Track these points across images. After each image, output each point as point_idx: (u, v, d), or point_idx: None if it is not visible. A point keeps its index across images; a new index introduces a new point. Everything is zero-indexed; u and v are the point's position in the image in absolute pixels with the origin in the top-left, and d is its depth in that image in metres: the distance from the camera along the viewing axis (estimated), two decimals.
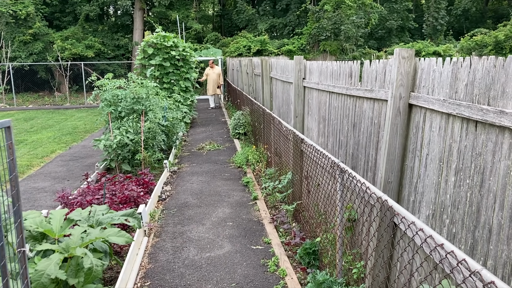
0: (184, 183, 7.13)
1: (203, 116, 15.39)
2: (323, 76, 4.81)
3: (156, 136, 7.83)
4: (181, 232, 5.06)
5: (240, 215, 5.59)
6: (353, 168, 3.95)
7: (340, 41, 23.03)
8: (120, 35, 26.59)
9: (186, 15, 26.11)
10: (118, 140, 7.19)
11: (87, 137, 12.12)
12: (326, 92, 4.69)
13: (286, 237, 4.84)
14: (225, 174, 7.60)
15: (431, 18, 27.68)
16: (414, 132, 2.88)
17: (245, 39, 23.86)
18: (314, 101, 5.16)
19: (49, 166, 8.72)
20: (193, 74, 12.87)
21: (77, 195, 5.63)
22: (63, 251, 2.76)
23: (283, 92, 7.06)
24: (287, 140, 5.88)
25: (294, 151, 5.51)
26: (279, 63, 7.26)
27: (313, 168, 4.77)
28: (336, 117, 4.39)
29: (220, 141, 10.75)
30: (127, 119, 7.86)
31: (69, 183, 7.43)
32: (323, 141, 4.85)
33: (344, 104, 4.17)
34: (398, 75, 2.91)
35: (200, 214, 5.66)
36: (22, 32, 22.37)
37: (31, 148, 10.46)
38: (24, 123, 15.04)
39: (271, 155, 6.97)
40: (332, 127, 4.52)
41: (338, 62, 4.36)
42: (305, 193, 5.12)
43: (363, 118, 3.70)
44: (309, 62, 5.38)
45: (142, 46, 12.10)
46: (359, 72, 3.87)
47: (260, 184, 6.85)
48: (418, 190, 2.79)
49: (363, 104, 3.69)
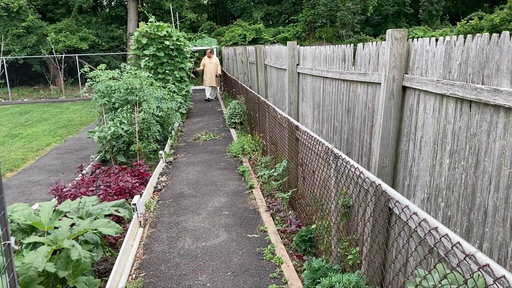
0: (180, 174, 7.08)
1: (199, 107, 15.30)
2: (316, 62, 4.74)
3: (151, 126, 7.76)
4: (177, 222, 5.02)
5: (236, 204, 5.55)
6: (347, 153, 3.89)
7: (336, 28, 22.85)
8: (114, 27, 26.33)
9: (180, 4, 25.86)
10: (112, 131, 7.12)
11: (82, 129, 12.04)
12: (320, 77, 4.62)
13: (282, 225, 4.81)
14: (221, 164, 7.55)
15: (427, 3, 27.46)
16: (408, 115, 2.82)
17: (240, 27, 23.67)
18: (308, 87, 5.09)
19: (44, 159, 8.65)
20: (187, 64, 12.75)
21: (71, 187, 5.58)
22: (52, 243, 2.71)
23: (277, 80, 6.98)
24: (282, 127, 5.82)
25: (289, 138, 5.45)
26: (273, 50, 7.17)
27: (308, 155, 4.72)
28: (331, 102, 4.33)
29: (216, 131, 10.68)
30: (121, 110, 7.78)
31: (64, 176, 7.37)
32: (318, 127, 4.79)
33: (338, 89, 4.10)
34: (391, 57, 2.85)
35: (196, 204, 5.61)
36: (15, 25, 22.14)
37: (26, 142, 10.38)
38: (19, 117, 14.93)
39: (267, 144, 6.92)
40: (327, 113, 4.45)
41: (331, 46, 4.28)
42: (300, 180, 5.08)
43: (357, 102, 3.64)
44: (302, 48, 5.30)
45: (136, 36, 11.97)
46: (353, 56, 3.80)
47: (256, 172, 6.81)
48: (413, 174, 2.74)
49: (357, 89, 3.63)
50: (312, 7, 22.78)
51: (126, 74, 8.25)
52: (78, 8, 25.02)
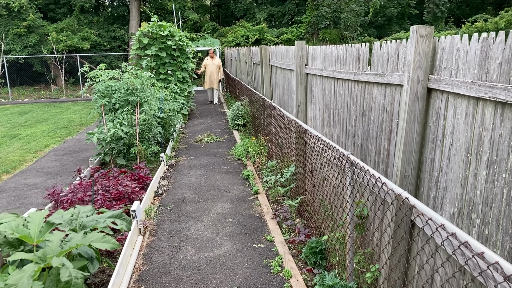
0: (182, 177, 6.83)
1: (202, 108, 15.05)
2: (327, 62, 4.49)
3: (152, 128, 7.51)
4: (178, 230, 4.77)
5: (240, 210, 5.29)
6: (362, 160, 3.64)
7: (340, 30, 22.60)
8: (116, 27, 26.12)
9: (183, 5, 25.65)
10: (112, 133, 6.88)
11: (82, 130, 11.80)
12: (331, 78, 4.37)
13: (290, 234, 4.55)
14: (224, 167, 7.29)
15: (432, 5, 27.19)
16: (434, 119, 2.57)
17: (243, 28, 23.43)
18: (318, 89, 4.84)
19: (42, 161, 8.41)
20: (190, 64, 12.51)
21: (68, 192, 5.33)
22: (40, 260, 2.46)
23: (283, 81, 6.73)
24: (289, 130, 5.57)
25: (296, 142, 5.20)
26: (279, 50, 6.93)
27: (318, 160, 4.46)
28: (342, 105, 4.07)
29: (219, 132, 10.43)
30: (122, 111, 7.54)
31: (62, 179, 7.12)
32: (328, 131, 4.53)
33: (351, 91, 3.85)
34: (416, 56, 2.59)
35: (199, 210, 5.36)
36: (16, 25, 21.92)
37: (24, 143, 10.14)
38: (19, 117, 14.70)
39: (272, 147, 6.66)
40: (338, 116, 4.20)
41: (344, 45, 4.03)
42: (309, 187, 4.82)
43: (373, 105, 3.39)
44: (311, 47, 5.05)
45: (138, 36, 11.73)
46: (368, 55, 3.55)
47: (261, 177, 6.55)
48: (440, 185, 2.48)
49: (373, 90, 3.38)
50: (316, 9, 22.53)
51: (127, 74, 8.01)
52: (80, 8, 24.81)
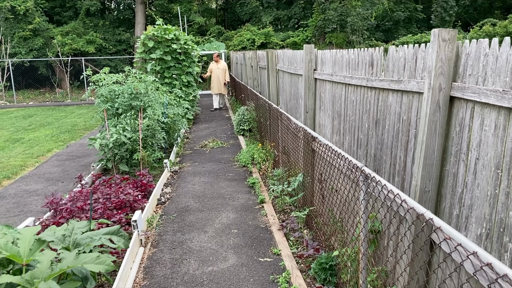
0: (186, 184, 6.64)
1: (207, 112, 14.88)
2: (337, 67, 4.29)
3: (156, 134, 7.34)
4: (181, 241, 4.57)
5: (246, 221, 5.09)
6: (375, 171, 3.44)
7: (347, 33, 22.41)
8: (122, 30, 26.06)
9: (189, 8, 25.55)
10: (115, 138, 6.70)
11: (86, 134, 11.66)
12: (342, 84, 4.17)
13: (298, 247, 4.34)
14: (229, 174, 7.10)
15: (440, 9, 26.95)
16: (458, 131, 2.36)
17: (249, 32, 23.29)
18: (327, 95, 4.64)
19: (43, 166, 8.25)
20: (195, 68, 12.36)
21: (68, 200, 5.16)
22: (27, 284, 2.27)
23: (290, 86, 6.54)
24: (297, 138, 5.37)
25: (304, 150, 5.00)
26: (286, 54, 6.74)
27: (327, 170, 4.26)
28: (354, 112, 3.87)
29: (224, 138, 10.25)
30: (125, 116, 7.38)
31: (63, 185, 6.96)
32: (338, 139, 4.33)
33: (363, 97, 3.65)
34: (438, 62, 2.39)
35: (202, 220, 5.16)
36: (21, 28, 21.90)
37: (27, 147, 10.01)
38: (23, 120, 14.60)
39: (279, 154, 6.46)
40: (349, 123, 4.00)
41: (355, 50, 3.84)
42: (317, 197, 4.61)
43: (388, 113, 3.19)
44: (320, 52, 4.85)
45: (142, 39, 11.59)
46: (382, 60, 3.35)
47: (267, 185, 6.35)
48: (465, 202, 2.27)
49: (388, 98, 3.17)
50: (322, 12, 22.36)
51: (130, 78, 7.85)
52: (86, 11, 24.77)
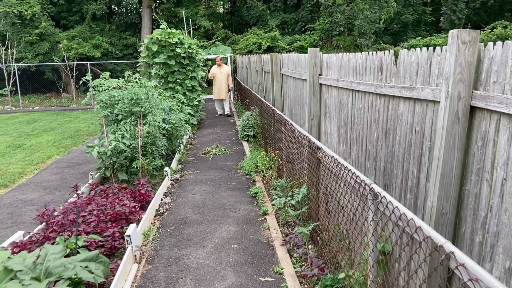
0: (186, 194, 6.38)
1: (211, 116, 14.64)
2: (344, 71, 4.01)
3: (156, 141, 7.09)
4: (178, 258, 4.30)
5: (247, 234, 4.81)
6: (385, 186, 3.15)
7: (354, 37, 22.10)
8: (128, 34, 25.98)
9: (195, 12, 25.42)
10: (113, 146, 6.47)
11: (88, 140, 11.47)
12: (348, 90, 3.89)
13: (301, 265, 4.05)
14: (231, 183, 6.83)
15: (449, 11, 26.55)
16: (480, 146, 2.07)
17: (256, 36, 23.07)
18: (333, 101, 4.36)
19: (42, 174, 8.04)
20: (200, 73, 12.13)
21: (60, 212, 4.92)
22: None
23: (295, 91, 6.26)
24: (301, 146, 5.09)
25: (309, 159, 4.71)
26: (291, 58, 6.47)
27: (333, 182, 3.97)
28: (362, 121, 3.59)
29: (228, 144, 9.99)
30: (125, 122, 7.15)
31: (60, 194, 6.73)
32: (345, 149, 4.04)
33: (372, 105, 3.36)
34: (457, 67, 2.11)
35: (201, 233, 4.89)
36: (28, 33, 21.88)
37: (27, 154, 9.82)
38: (26, 125, 14.46)
39: (283, 162, 6.18)
40: (357, 133, 3.71)
41: (363, 53, 3.56)
42: (323, 211, 4.33)
43: (399, 123, 2.90)
44: (326, 55, 4.58)
45: (146, 43, 11.39)
46: (393, 65, 3.07)
47: (270, 195, 6.07)
48: (489, 228, 1.98)
49: (399, 106, 2.89)
50: (330, 15, 22.08)
51: (131, 83, 7.63)
52: (92, 15, 24.73)
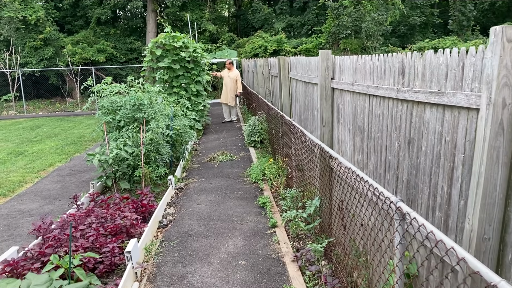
0: (191, 204, 6.10)
1: (217, 121, 14.37)
2: (359, 75, 3.72)
3: (160, 148, 6.83)
4: (181, 276, 4.02)
5: (255, 249, 4.52)
6: (408, 201, 2.85)
7: (361, 39, 21.80)
8: (133, 39, 25.83)
9: (200, 16, 25.23)
10: (115, 154, 6.21)
11: (91, 146, 11.24)
12: (364, 95, 3.60)
13: (315, 284, 3.75)
14: (238, 192, 6.54)
15: (457, 13, 26.17)
16: None
17: (261, 39, 22.82)
18: (347, 107, 4.07)
19: (43, 182, 7.80)
20: (205, 77, 11.87)
21: (58, 225, 4.65)
22: None
23: (304, 96, 5.98)
24: (312, 154, 4.80)
25: (321, 169, 4.42)
26: (300, 61, 6.19)
27: (349, 195, 3.67)
28: (381, 128, 3.29)
29: (234, 150, 9.70)
30: (127, 129, 6.89)
31: (60, 204, 6.47)
32: (361, 158, 3.75)
33: (392, 111, 3.07)
34: (501, 70, 1.81)
35: (207, 248, 4.60)
36: (32, 38, 21.76)
37: (29, 161, 9.60)
38: (30, 132, 14.27)
39: (292, 170, 5.89)
40: (375, 141, 3.42)
41: (381, 55, 3.27)
42: (337, 225, 4.03)
43: (425, 132, 2.61)
44: (339, 58, 4.29)
45: (150, 47, 11.16)
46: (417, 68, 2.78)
47: (279, 205, 5.78)
48: None
49: (425, 113, 2.60)
50: (336, 18, 21.80)
51: (133, 88, 7.38)
52: (96, 20, 24.62)
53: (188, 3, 25.61)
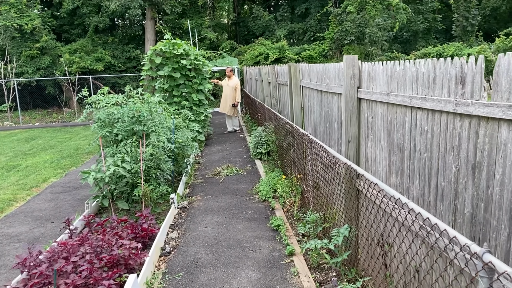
0: (196, 226, 5.52)
1: (219, 131, 13.82)
2: (396, 83, 3.17)
3: (161, 164, 6.26)
4: None
5: (272, 284, 3.94)
6: (473, 239, 2.29)
7: (365, 46, 21.34)
8: (132, 47, 25.35)
9: (200, 23, 24.78)
10: (112, 171, 5.64)
11: (88, 159, 10.67)
12: (404, 107, 3.05)
13: None
14: (247, 212, 5.97)
15: (461, 18, 25.76)
16: None
17: (262, 46, 22.34)
18: (379, 120, 3.52)
19: (35, 200, 7.22)
20: (206, 86, 11.34)
21: (47, 256, 4.07)
22: None
23: (320, 106, 5.43)
24: (335, 173, 4.24)
25: (349, 193, 3.86)
26: (314, 68, 5.65)
27: (389, 225, 3.11)
28: (429, 148, 2.74)
29: (239, 163, 9.14)
30: (125, 143, 6.34)
31: (52, 227, 5.90)
32: (400, 182, 3.19)
33: (447, 128, 2.52)
34: None
35: (216, 282, 4.03)
36: (28, 47, 21.27)
37: (22, 176, 9.03)
38: (24, 144, 13.71)
39: (308, 189, 5.32)
40: (420, 162, 2.86)
41: (430, 60, 2.72)
42: (374, 262, 3.46)
43: (500, 156, 2.05)
44: (367, 64, 3.75)
45: (149, 55, 10.63)
46: (482, 75, 2.24)
47: (294, 227, 5.21)
48: None
49: (500, 132, 2.05)
50: (339, 24, 21.35)
51: (132, 99, 6.84)
52: (94, 28, 24.14)
53: (187, 10, 25.18)
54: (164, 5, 22.77)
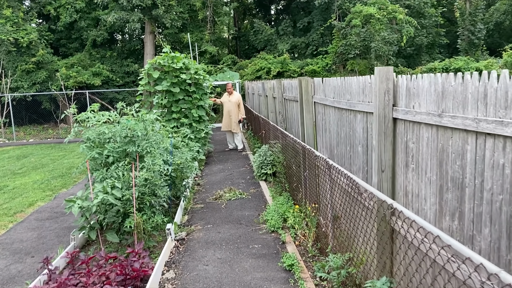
0: (195, 264, 4.80)
1: (220, 149, 13.12)
2: (450, 101, 2.50)
3: (156, 190, 5.56)
4: None
5: None
6: None
7: (370, 60, 20.79)
8: (130, 61, 24.83)
9: (200, 37, 24.30)
10: (100, 199, 4.93)
11: (81, 180, 9.96)
12: (464, 132, 2.37)
13: None
14: (254, 246, 5.24)
15: (467, 32, 25.30)
16: None
17: (264, 60, 21.80)
18: (425, 147, 2.83)
19: (16, 229, 6.50)
20: (207, 101, 10.69)
21: None
22: None
23: (339, 126, 4.76)
24: (360, 205, 3.54)
25: (383, 233, 3.15)
26: (330, 82, 4.99)
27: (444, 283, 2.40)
28: (506, 187, 2.05)
29: (243, 184, 8.43)
30: (117, 166, 5.65)
31: (32, 262, 5.17)
32: (457, 227, 2.49)
33: None
34: None
35: None
36: (24, 61, 20.72)
37: (7, 199, 8.31)
38: (15, 162, 13.00)
39: (326, 222, 4.60)
40: (491, 206, 2.17)
41: (506, 72, 2.05)
42: None
43: None
44: (405, 77, 3.08)
45: (147, 69, 10.01)
46: None
47: (310, 267, 4.48)
48: None
49: None
50: (343, 37, 20.82)
51: (126, 116, 6.17)
52: (92, 42, 23.63)
53: (187, 24, 24.72)
54: (164, 18, 22.29)
